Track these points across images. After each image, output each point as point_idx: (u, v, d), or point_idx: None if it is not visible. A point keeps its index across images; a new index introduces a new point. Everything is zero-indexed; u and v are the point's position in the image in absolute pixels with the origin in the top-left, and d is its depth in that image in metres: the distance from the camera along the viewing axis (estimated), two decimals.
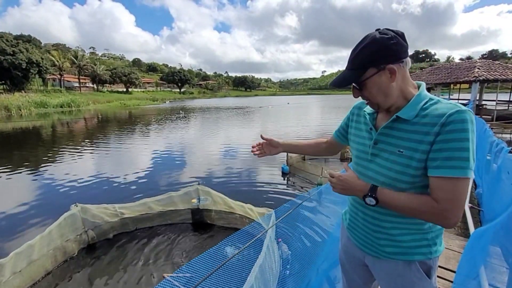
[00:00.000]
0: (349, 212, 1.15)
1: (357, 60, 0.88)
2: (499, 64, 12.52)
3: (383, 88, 0.88)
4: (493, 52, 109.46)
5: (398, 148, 0.89)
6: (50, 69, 38.95)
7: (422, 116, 0.86)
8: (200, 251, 3.42)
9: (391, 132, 0.92)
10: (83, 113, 27.95)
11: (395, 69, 0.85)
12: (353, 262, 1.20)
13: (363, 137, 1.05)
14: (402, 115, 0.89)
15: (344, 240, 1.24)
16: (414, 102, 0.89)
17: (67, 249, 3.23)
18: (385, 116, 0.97)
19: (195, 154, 9.33)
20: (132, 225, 3.86)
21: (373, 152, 0.98)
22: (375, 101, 0.92)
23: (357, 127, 1.11)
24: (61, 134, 14.73)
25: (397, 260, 0.99)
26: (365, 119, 1.06)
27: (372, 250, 1.04)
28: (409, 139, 0.87)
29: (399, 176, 0.89)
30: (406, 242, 0.96)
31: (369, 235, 1.03)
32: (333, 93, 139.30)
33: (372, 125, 1.00)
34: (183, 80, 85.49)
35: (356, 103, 1.18)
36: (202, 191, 3.97)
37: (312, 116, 24.32)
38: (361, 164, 1.03)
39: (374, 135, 0.98)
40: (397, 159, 0.89)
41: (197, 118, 22.79)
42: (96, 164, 8.03)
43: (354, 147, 1.10)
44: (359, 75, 0.88)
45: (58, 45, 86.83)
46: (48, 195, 5.62)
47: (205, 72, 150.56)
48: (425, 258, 0.97)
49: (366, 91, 0.91)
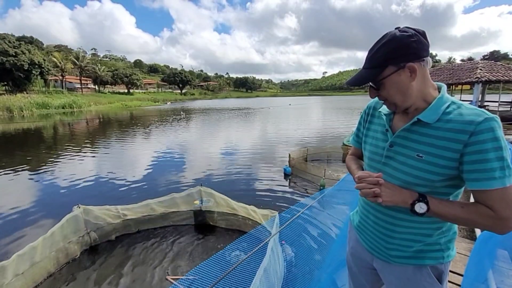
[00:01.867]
0: (360, 214, 1.12)
1: (375, 58, 0.84)
2: (501, 65, 12.47)
3: (402, 87, 0.84)
4: (494, 53, 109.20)
5: (417, 153, 0.86)
6: (52, 70, 39.10)
7: (445, 120, 0.83)
8: (202, 253, 3.40)
9: (409, 135, 0.89)
10: (84, 114, 28.01)
11: (416, 67, 0.82)
12: (361, 265, 1.18)
13: (377, 138, 1.01)
14: (423, 118, 0.85)
15: (352, 243, 1.22)
16: (436, 105, 0.85)
17: (69, 251, 3.21)
18: (403, 118, 0.94)
19: (197, 155, 9.32)
20: (135, 226, 3.84)
21: (388, 155, 0.94)
22: (393, 101, 0.88)
23: (370, 127, 1.08)
24: (63, 135, 14.75)
25: (407, 265, 0.97)
26: (380, 119, 1.02)
27: (382, 254, 1.02)
28: (431, 144, 0.83)
29: (417, 180, 0.86)
30: (418, 247, 0.94)
31: (380, 239, 1.01)
32: (334, 94, 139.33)
33: (389, 126, 0.97)
34: (184, 81, 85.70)
35: (369, 103, 1.14)
36: (205, 193, 3.95)
37: (316, 117, 24.29)
38: (374, 166, 1.00)
39: (390, 137, 0.95)
40: (415, 163, 0.86)
41: (198, 119, 22.79)
42: (97, 165, 8.03)
43: (367, 148, 1.07)
44: (377, 73, 0.85)
45: (60, 47, 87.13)
46: (50, 196, 5.62)
47: (206, 73, 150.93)
48: (437, 262, 0.94)
49: (384, 90, 0.87)
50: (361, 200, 1.12)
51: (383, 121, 1.00)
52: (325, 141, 11.12)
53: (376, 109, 1.07)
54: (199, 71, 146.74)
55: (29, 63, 33.08)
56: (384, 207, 0.96)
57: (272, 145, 10.70)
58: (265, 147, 10.37)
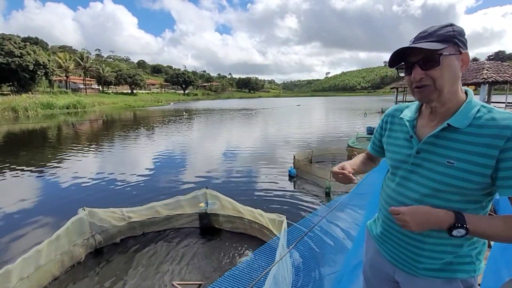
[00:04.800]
0: (382, 223, 1.06)
1: (439, 33, 0.79)
2: (508, 65, 12.31)
3: (455, 73, 0.80)
4: (499, 53, 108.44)
5: (447, 159, 0.81)
6: (56, 71, 39.39)
7: (477, 126, 0.78)
8: (208, 257, 3.36)
9: (438, 141, 0.85)
10: (88, 114, 28.19)
11: (469, 59, 0.81)
12: (380, 277, 1.12)
13: (400, 146, 0.97)
14: (453, 123, 0.81)
15: (370, 254, 1.16)
16: (466, 110, 0.81)
17: (74, 254, 3.19)
18: (428, 124, 0.90)
19: (201, 156, 9.30)
20: (140, 229, 3.81)
21: (414, 162, 0.90)
22: (442, 86, 0.80)
23: (391, 135, 1.04)
24: (67, 135, 14.83)
25: (436, 278, 0.91)
26: (402, 126, 0.98)
27: (407, 266, 0.96)
28: (463, 150, 0.79)
29: (448, 188, 0.81)
30: (448, 259, 0.89)
31: (406, 250, 0.95)
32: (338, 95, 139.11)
33: (413, 132, 0.92)
34: (187, 81, 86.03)
35: (388, 111, 1.10)
36: (210, 195, 3.91)
37: (321, 118, 24.19)
38: (400, 175, 0.95)
39: (415, 144, 0.90)
40: (445, 170, 0.81)
41: (201, 120, 22.82)
42: (102, 166, 8.04)
43: (389, 156, 1.02)
44: (441, 47, 0.78)
45: (65, 47, 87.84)
46: (55, 197, 5.62)
47: (208, 73, 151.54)
48: (468, 276, 0.89)
49: (439, 70, 0.79)
50: (383, 208, 1.07)
51: (406, 128, 0.96)
52: (330, 142, 11.04)
53: (396, 117, 1.03)
54: (201, 72, 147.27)
55: (34, 63, 33.38)
56: None
57: (276, 146, 10.65)
58: (269, 148, 10.33)
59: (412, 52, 0.82)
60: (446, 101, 0.83)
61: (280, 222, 3.07)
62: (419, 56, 0.81)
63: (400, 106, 1.07)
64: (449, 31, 0.79)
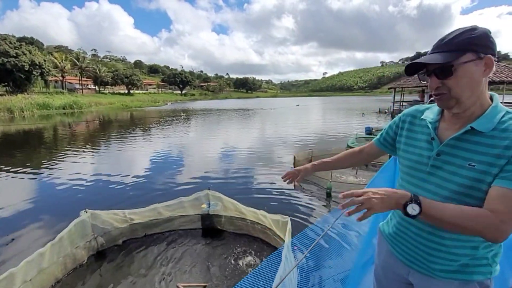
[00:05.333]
0: (396, 224, 1.06)
1: (456, 42, 0.79)
2: (504, 66, 12.43)
3: (474, 80, 0.80)
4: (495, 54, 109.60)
5: (468, 162, 0.82)
6: (52, 71, 39.07)
7: (501, 130, 0.79)
8: (210, 258, 3.35)
9: (460, 144, 0.85)
10: (85, 115, 27.99)
11: (493, 62, 0.79)
12: (393, 278, 1.12)
13: (419, 147, 0.97)
14: (477, 127, 0.81)
15: (383, 255, 1.16)
16: (491, 114, 0.82)
17: (76, 256, 3.16)
18: (451, 126, 0.90)
19: (201, 157, 9.28)
20: (142, 231, 3.79)
21: (434, 164, 0.90)
22: (458, 95, 0.81)
23: (410, 136, 1.03)
24: (64, 136, 14.71)
25: (452, 280, 0.92)
26: (423, 128, 0.98)
27: (423, 268, 0.96)
28: (485, 153, 0.79)
29: (469, 191, 0.82)
30: (465, 261, 0.89)
31: (422, 251, 0.95)
32: (335, 95, 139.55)
33: (435, 134, 0.92)
34: (184, 81, 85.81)
35: (407, 111, 1.09)
36: (213, 196, 3.90)
37: (319, 118, 24.26)
38: (417, 176, 0.95)
39: (436, 146, 0.90)
40: (466, 173, 0.82)
41: (199, 120, 22.77)
42: (100, 167, 7.98)
43: (406, 157, 1.02)
44: (454, 57, 0.78)
45: (60, 47, 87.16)
46: (54, 199, 5.57)
47: (206, 73, 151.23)
48: (484, 278, 0.90)
49: (454, 79, 0.80)
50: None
51: (427, 129, 0.95)
52: (329, 142, 11.08)
53: (417, 118, 1.03)
54: (199, 72, 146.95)
55: (30, 63, 33.07)
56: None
57: (276, 147, 10.66)
58: (269, 148, 10.33)
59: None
60: (468, 106, 0.84)
61: (284, 223, 3.07)
62: (435, 65, 0.82)
63: (421, 107, 1.06)
64: (467, 37, 0.78)
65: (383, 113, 24.65)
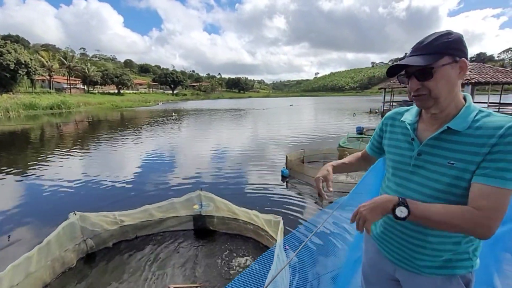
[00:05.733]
0: (382, 224, 1.09)
1: (434, 45, 0.83)
2: (489, 67, 12.83)
3: (450, 82, 0.84)
4: (481, 55, 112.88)
5: (447, 160, 0.85)
6: (39, 70, 38.05)
7: (475, 128, 0.83)
8: (203, 259, 3.34)
9: (439, 143, 0.89)
10: (74, 115, 27.38)
11: (467, 65, 0.84)
12: (380, 276, 1.16)
13: (401, 148, 1.01)
14: (453, 126, 0.85)
15: (370, 254, 1.19)
16: (465, 113, 0.86)
17: (65, 260, 3.10)
18: (429, 127, 0.94)
19: (193, 158, 9.21)
20: (132, 232, 3.74)
21: (416, 164, 0.94)
22: (437, 96, 0.85)
23: (392, 137, 1.07)
24: (52, 137, 14.36)
25: (436, 275, 0.96)
26: (403, 129, 1.02)
27: (409, 265, 1.00)
28: (462, 151, 0.83)
29: (451, 188, 0.85)
30: (448, 256, 0.93)
31: (407, 249, 0.99)
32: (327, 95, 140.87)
33: (414, 135, 0.96)
34: (175, 81, 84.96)
35: (387, 114, 1.14)
36: (205, 197, 3.88)
37: (311, 118, 24.41)
38: (401, 176, 0.99)
39: (416, 146, 0.94)
40: (446, 171, 0.86)
41: (191, 120, 22.61)
42: (90, 169, 7.83)
43: (390, 158, 1.06)
44: (433, 60, 0.82)
45: (48, 46, 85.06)
46: (41, 202, 5.43)
47: (197, 73, 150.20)
48: (466, 271, 0.94)
49: (433, 81, 0.84)
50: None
51: (407, 130, 1.00)
52: (321, 142, 11.18)
53: (397, 120, 1.07)
54: (190, 72, 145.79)
55: (15, 62, 32.11)
56: None
57: (268, 147, 10.69)
58: (261, 149, 10.35)
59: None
60: (444, 107, 0.88)
61: (276, 223, 3.09)
62: (415, 67, 0.86)
63: (400, 110, 1.11)
64: (445, 41, 0.82)
65: (373, 113, 25.01)
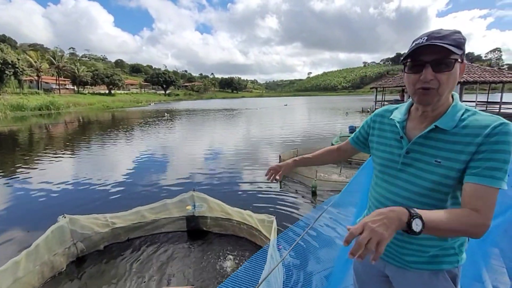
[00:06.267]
0: None
1: (452, 39, 0.79)
2: (477, 66, 13.14)
3: (456, 80, 0.83)
4: (469, 55, 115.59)
5: (435, 158, 0.86)
6: (26, 70, 37.16)
7: (461, 127, 0.84)
8: (196, 260, 3.32)
9: (427, 142, 0.90)
10: (63, 116, 26.83)
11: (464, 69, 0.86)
12: (371, 272, 1.17)
13: (390, 146, 1.01)
14: (441, 125, 0.86)
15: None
16: (452, 112, 0.87)
17: (54, 264, 3.03)
18: (418, 126, 0.95)
19: (185, 158, 9.14)
20: (124, 235, 3.68)
21: (404, 162, 0.94)
22: (443, 92, 0.83)
23: (381, 135, 1.08)
24: (41, 138, 14.04)
25: (423, 270, 0.97)
26: (392, 127, 1.02)
27: (397, 261, 1.02)
28: (449, 150, 0.84)
29: (437, 186, 0.86)
30: (434, 251, 0.94)
31: (396, 246, 1.00)
32: (320, 94, 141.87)
33: (403, 133, 0.97)
34: (168, 81, 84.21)
35: (377, 111, 1.14)
36: (198, 198, 3.86)
37: (305, 117, 24.52)
38: (389, 173, 1.00)
39: (405, 144, 0.95)
40: (434, 169, 0.87)
41: (183, 121, 22.43)
42: (81, 171, 7.68)
43: (378, 155, 1.06)
44: (456, 53, 0.79)
45: (35, 46, 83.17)
46: (30, 205, 5.30)
47: (190, 73, 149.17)
48: (452, 266, 0.96)
49: (447, 74, 0.81)
50: (374, 207, 1.11)
51: (396, 128, 1.00)
52: (314, 141, 11.24)
53: (386, 117, 1.07)
54: (183, 72, 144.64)
55: (2, 62, 31.31)
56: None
57: (262, 146, 10.70)
58: (255, 148, 10.35)
59: (426, 50, 0.80)
60: (439, 105, 0.88)
61: (270, 222, 3.09)
62: (432, 56, 0.79)
63: (390, 107, 1.11)
64: (460, 38, 0.80)
65: (366, 112, 25.32)
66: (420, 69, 0.82)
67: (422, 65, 0.82)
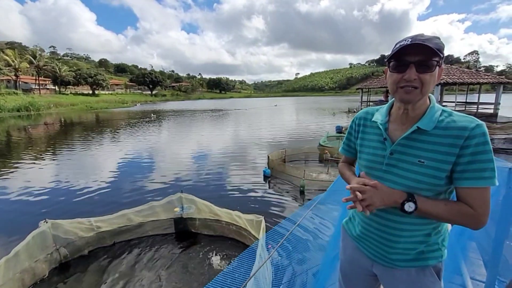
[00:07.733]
0: (361, 224, 1.12)
1: (434, 42, 0.83)
2: (456, 68, 13.67)
3: (435, 82, 0.89)
4: (448, 57, 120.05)
5: (418, 159, 0.90)
6: (3, 70, 35.51)
7: (441, 128, 0.88)
8: (185, 263, 3.28)
9: (410, 142, 0.93)
10: (44, 117, 25.81)
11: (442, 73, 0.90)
12: (359, 272, 1.19)
13: (374, 147, 1.04)
14: (422, 126, 0.90)
15: (349, 251, 1.21)
16: (431, 113, 0.91)
17: (36, 271, 2.92)
18: (400, 126, 0.98)
19: (173, 160, 9.01)
20: (110, 239, 3.60)
21: (389, 163, 0.97)
22: (426, 91, 0.88)
23: (365, 137, 1.10)
24: (19, 141, 13.45)
25: (410, 267, 1.00)
26: (375, 129, 1.05)
27: (385, 260, 1.04)
28: (432, 150, 0.88)
29: (420, 185, 0.90)
30: (420, 248, 0.98)
31: (383, 245, 1.03)
32: (307, 95, 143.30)
33: (386, 135, 0.99)
34: (154, 81, 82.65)
35: (358, 114, 1.16)
36: (186, 199, 3.82)
37: (293, 118, 24.68)
38: (374, 175, 1.01)
39: (388, 146, 0.97)
40: (417, 169, 0.90)
41: (170, 122, 22.10)
42: (63, 174, 7.42)
43: (363, 157, 1.08)
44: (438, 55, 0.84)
45: (13, 44, 79.60)
46: (9, 211, 5.07)
47: (177, 73, 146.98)
48: (437, 261, 0.99)
49: (429, 75, 0.85)
50: None
51: (379, 130, 1.02)
52: (302, 141, 11.35)
53: (368, 120, 1.09)
54: (170, 72, 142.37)
55: None
56: (386, 213, 0.99)
57: (250, 147, 10.70)
58: (243, 149, 10.34)
59: (411, 51, 0.84)
60: (419, 106, 0.92)
61: (258, 222, 3.10)
62: (417, 57, 0.84)
63: (370, 110, 1.13)
64: (440, 43, 0.85)
65: (352, 112, 25.82)
66: (404, 69, 0.87)
67: (406, 65, 0.86)
